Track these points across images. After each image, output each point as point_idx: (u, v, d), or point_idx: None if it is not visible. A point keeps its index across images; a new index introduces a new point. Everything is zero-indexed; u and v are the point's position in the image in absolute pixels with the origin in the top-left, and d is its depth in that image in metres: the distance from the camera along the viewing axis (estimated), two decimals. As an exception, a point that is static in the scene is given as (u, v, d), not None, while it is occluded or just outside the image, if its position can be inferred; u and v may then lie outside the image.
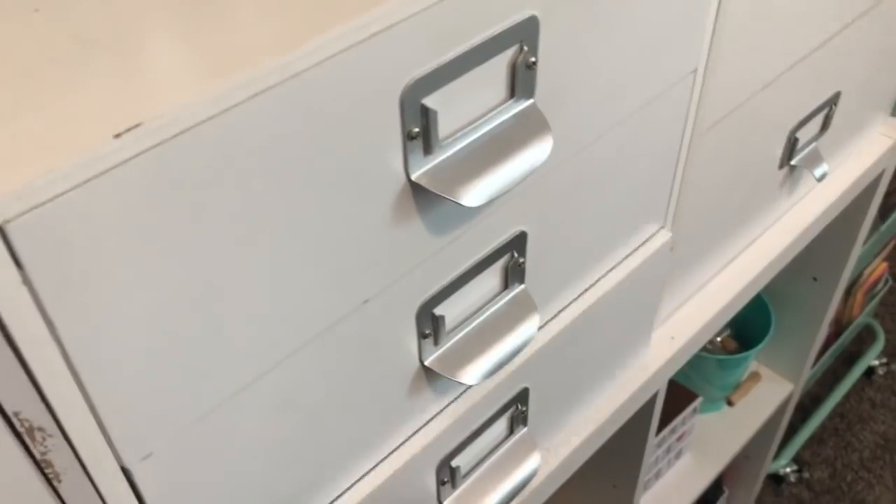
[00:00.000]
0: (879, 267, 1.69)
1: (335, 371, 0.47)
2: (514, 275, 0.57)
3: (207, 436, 0.42)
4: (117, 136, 0.30)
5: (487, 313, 0.56)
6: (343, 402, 0.50)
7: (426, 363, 0.54)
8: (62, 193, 0.30)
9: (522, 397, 0.63)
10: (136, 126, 0.31)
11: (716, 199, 0.77)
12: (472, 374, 0.54)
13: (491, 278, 0.56)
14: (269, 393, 0.44)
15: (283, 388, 0.45)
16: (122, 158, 0.31)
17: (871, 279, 1.68)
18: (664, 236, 0.70)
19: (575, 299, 0.65)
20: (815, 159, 0.86)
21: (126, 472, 0.39)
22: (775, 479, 1.69)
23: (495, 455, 0.65)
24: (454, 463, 0.60)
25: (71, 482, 0.37)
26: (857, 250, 1.14)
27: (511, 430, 0.65)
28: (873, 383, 1.85)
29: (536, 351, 0.62)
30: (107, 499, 0.39)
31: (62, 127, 0.31)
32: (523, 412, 0.64)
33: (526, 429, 0.66)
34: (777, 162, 0.82)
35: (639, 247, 0.69)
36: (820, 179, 0.85)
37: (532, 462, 0.66)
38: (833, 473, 1.71)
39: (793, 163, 0.84)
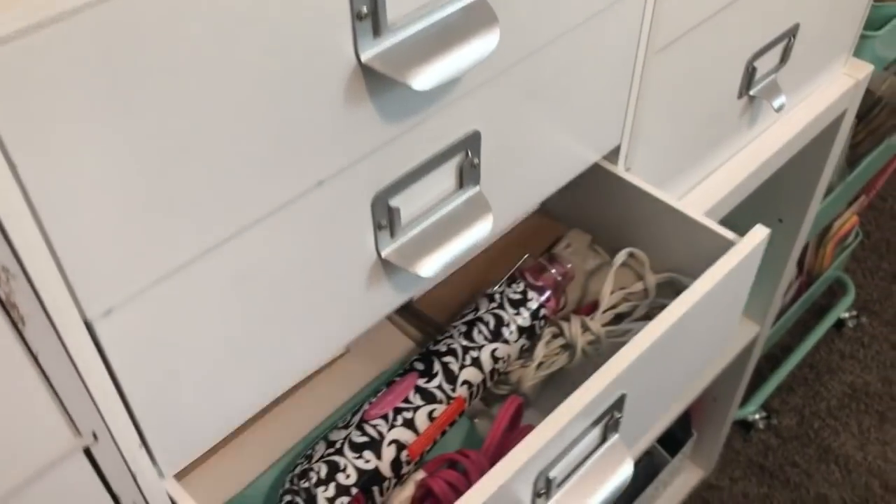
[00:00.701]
0: (850, 220, 1.72)
1: (293, 251, 0.50)
2: (468, 176, 0.59)
3: (167, 300, 0.45)
4: (73, -18, 0.33)
5: (442, 212, 0.59)
6: (301, 285, 0.52)
7: (383, 255, 0.56)
8: (20, 33, 0.32)
9: (619, 404, 0.62)
10: (91, -26, 0.33)
11: (674, 123, 0.79)
12: (427, 267, 0.57)
13: (446, 178, 0.58)
14: (229, 264, 0.47)
15: (242, 260, 0.47)
16: (77, 4, 0.33)
17: (842, 231, 1.71)
18: (762, 232, 0.68)
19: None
20: (773, 91, 0.88)
21: (88, 326, 0.42)
22: (744, 426, 1.73)
23: (588, 463, 0.63)
24: (551, 474, 0.59)
25: (35, 327, 0.40)
26: (820, 191, 1.17)
27: (604, 438, 0.64)
28: (843, 335, 1.89)
29: (637, 358, 0.60)
30: (70, 349, 0.42)
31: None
32: (618, 419, 0.63)
33: (617, 435, 0.64)
34: (736, 91, 0.85)
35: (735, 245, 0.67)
36: (778, 110, 0.88)
37: (625, 469, 0.63)
38: (801, 421, 1.76)
39: (751, 93, 0.87)
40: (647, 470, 1.48)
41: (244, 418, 0.55)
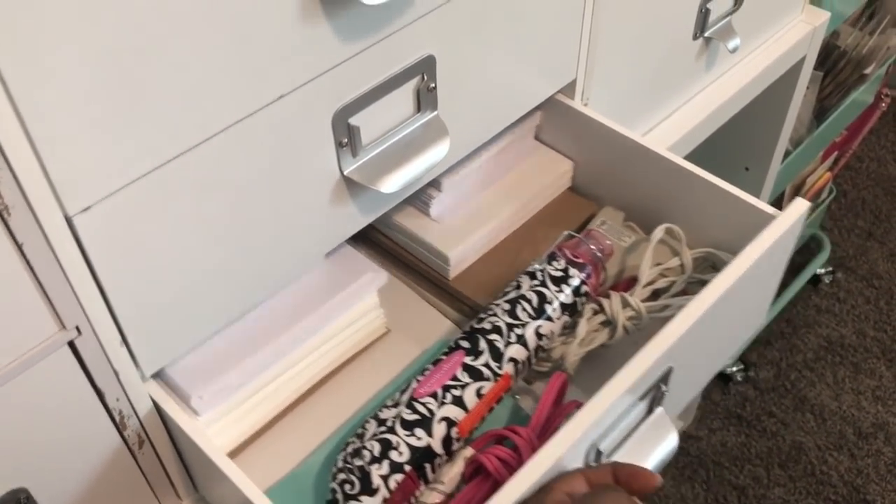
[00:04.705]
0: (823, 176, 1.76)
1: (258, 161, 0.54)
2: (426, 100, 0.63)
3: (140, 202, 0.49)
4: None
5: (402, 134, 0.63)
6: (268, 197, 0.56)
7: (346, 173, 0.60)
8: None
9: (665, 378, 0.62)
10: None
11: (630, 61, 0.83)
12: (389, 184, 0.61)
13: (404, 101, 0.62)
14: (197, 170, 0.50)
15: (210, 168, 0.51)
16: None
17: (815, 188, 1.75)
18: (803, 205, 0.68)
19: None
20: (728, 32, 0.92)
21: (69, 222, 0.46)
22: (723, 378, 1.78)
23: (635, 435, 0.63)
24: (602, 446, 0.59)
25: (19, 218, 0.44)
26: (784, 138, 1.21)
27: (650, 410, 0.64)
28: (819, 291, 1.94)
29: (685, 332, 0.60)
30: (52, 242, 0.46)
31: None
32: (664, 392, 0.63)
33: (662, 408, 0.64)
34: (690, 32, 0.89)
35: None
36: (733, 51, 0.92)
37: (670, 440, 0.64)
38: (778, 373, 1.81)
39: (706, 34, 0.91)
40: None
41: (219, 326, 0.59)
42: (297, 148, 0.56)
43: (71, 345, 0.51)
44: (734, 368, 1.76)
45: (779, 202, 1.69)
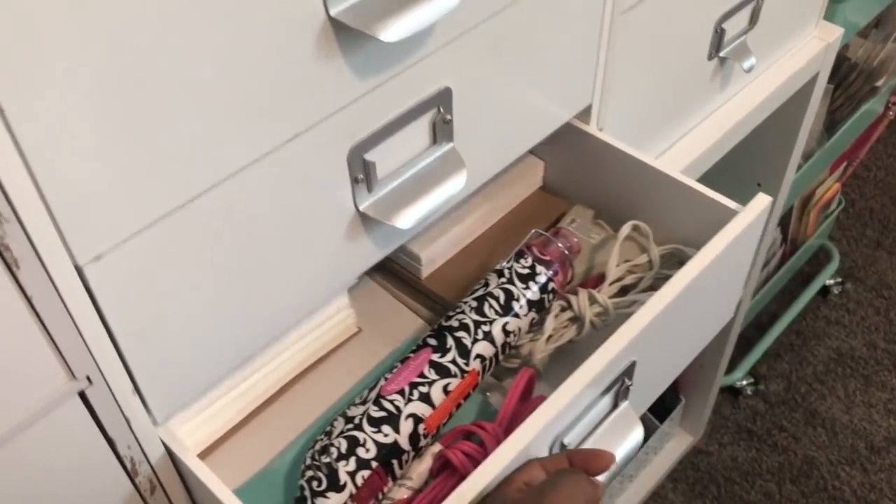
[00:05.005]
0: (832, 188, 1.75)
1: (273, 202, 0.52)
2: (442, 132, 0.62)
3: (152, 248, 0.47)
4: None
5: (418, 167, 0.61)
6: (283, 236, 0.55)
7: (361, 209, 0.59)
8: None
9: (629, 372, 0.63)
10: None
11: (645, 84, 0.82)
12: (405, 219, 0.59)
13: (420, 134, 0.60)
14: (212, 213, 0.49)
15: (224, 210, 0.50)
16: None
17: (824, 199, 1.73)
18: (765, 200, 0.69)
19: None
20: (743, 52, 0.90)
21: (79, 271, 0.45)
22: (732, 392, 1.76)
23: (600, 429, 0.63)
24: (566, 440, 0.60)
25: (28, 271, 0.42)
26: (797, 154, 1.20)
27: (615, 405, 0.65)
28: (829, 302, 1.92)
29: (646, 326, 0.61)
30: (62, 293, 0.44)
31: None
32: (628, 386, 0.64)
33: (627, 402, 0.65)
34: (705, 53, 0.87)
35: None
36: (748, 70, 0.90)
37: (635, 434, 0.65)
38: (788, 386, 1.79)
39: (721, 55, 0.89)
40: (637, 435, 1.50)
41: (232, 367, 0.58)
42: (312, 186, 0.54)
43: (82, 395, 0.49)
44: (744, 382, 1.75)
45: (788, 216, 1.67)
